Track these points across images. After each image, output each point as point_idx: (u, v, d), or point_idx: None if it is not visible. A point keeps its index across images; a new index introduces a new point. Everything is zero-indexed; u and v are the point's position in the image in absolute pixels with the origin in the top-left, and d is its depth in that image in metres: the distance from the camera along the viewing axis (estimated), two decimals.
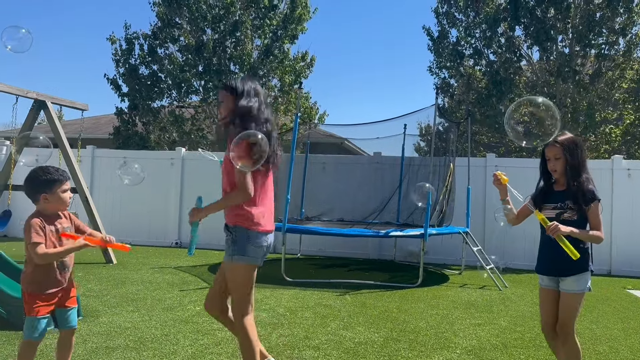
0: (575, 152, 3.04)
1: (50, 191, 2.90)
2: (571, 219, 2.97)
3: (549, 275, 3.13)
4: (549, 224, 2.86)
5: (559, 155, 3.05)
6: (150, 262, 8.67)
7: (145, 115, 14.46)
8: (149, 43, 14.48)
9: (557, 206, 3.04)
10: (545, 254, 3.13)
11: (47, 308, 2.87)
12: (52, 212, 2.94)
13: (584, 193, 2.97)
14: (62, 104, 9.18)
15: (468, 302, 6.27)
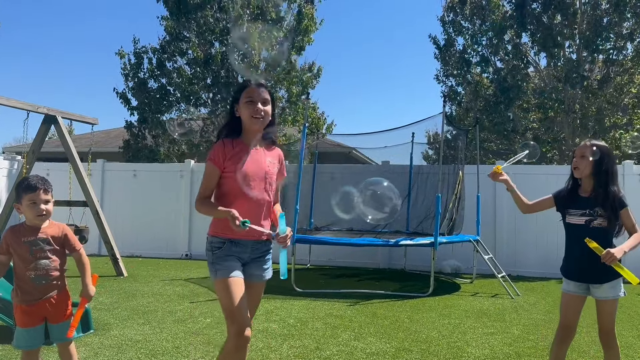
0: (603, 159, 3.08)
1: (19, 201, 2.87)
2: (601, 226, 3.03)
3: (579, 282, 3.13)
4: (604, 252, 2.88)
5: (585, 154, 3.09)
6: (160, 274, 8.69)
7: (155, 128, 14.57)
8: (158, 57, 14.62)
9: (586, 213, 3.07)
10: (575, 261, 3.13)
11: (29, 320, 2.85)
12: (31, 223, 2.90)
13: (614, 200, 3.03)
14: (73, 118, 9.28)
15: (480, 311, 6.21)
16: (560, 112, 12.73)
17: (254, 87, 2.76)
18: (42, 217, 2.87)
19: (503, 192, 9.85)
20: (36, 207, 2.84)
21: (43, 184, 2.88)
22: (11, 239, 2.86)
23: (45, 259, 2.87)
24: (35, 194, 2.85)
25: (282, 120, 15.24)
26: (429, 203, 9.06)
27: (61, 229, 2.97)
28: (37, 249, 2.85)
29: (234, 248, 2.74)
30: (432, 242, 7.32)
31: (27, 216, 2.88)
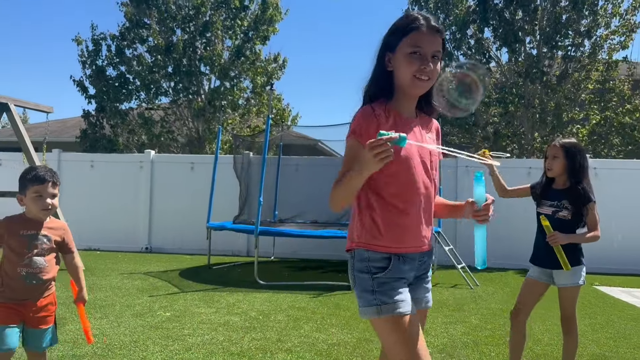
0: (575, 156, 3.21)
1: (23, 192, 2.66)
2: (565, 219, 3.18)
3: (543, 268, 3.28)
4: (551, 232, 3.12)
5: (557, 155, 3.23)
6: (119, 267, 8.48)
7: (113, 117, 14.17)
8: (117, 44, 14.21)
9: (554, 204, 3.23)
10: (541, 248, 3.27)
11: (6, 315, 2.57)
12: (33, 216, 2.67)
13: (581, 196, 3.16)
14: (26, 106, 8.91)
15: (440, 301, 6.31)
16: (520, 107, 13.02)
17: (426, 32, 1.85)
18: (47, 212, 2.66)
19: (464, 185, 10.03)
20: (42, 201, 2.62)
21: (52, 176, 2.67)
22: (7, 229, 2.62)
23: (41, 257, 2.64)
24: (43, 187, 2.63)
25: (247, 111, 15.08)
26: None
27: (63, 228, 2.77)
28: (36, 245, 2.62)
29: (403, 266, 1.90)
30: None
31: (31, 209, 2.66)
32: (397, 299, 1.83)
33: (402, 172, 1.88)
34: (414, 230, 1.92)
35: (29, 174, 2.65)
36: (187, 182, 10.95)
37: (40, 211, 2.64)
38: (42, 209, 2.64)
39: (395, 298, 1.83)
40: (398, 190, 1.88)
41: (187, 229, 10.66)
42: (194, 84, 14.14)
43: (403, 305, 1.83)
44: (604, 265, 9.36)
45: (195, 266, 8.89)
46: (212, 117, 14.08)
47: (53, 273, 2.71)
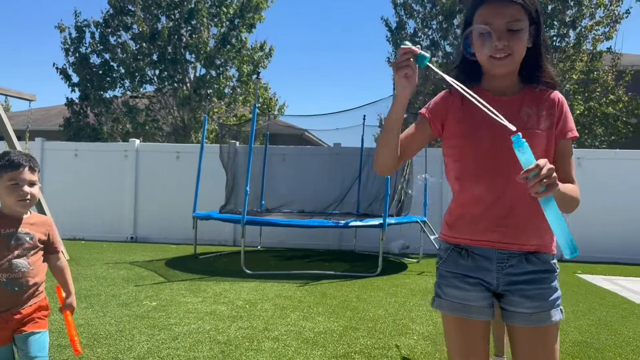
0: None
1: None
2: None
3: None
4: None
5: None
6: (104, 257, 8.42)
7: (97, 105, 14.00)
8: (101, 31, 14.00)
9: None
10: None
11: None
12: (10, 211, 2.29)
13: None
14: (8, 94, 8.75)
15: (425, 289, 6.37)
16: None
17: (493, 4, 1.63)
18: (24, 203, 2.28)
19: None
20: (18, 190, 2.24)
21: (28, 160, 2.29)
22: None
23: (23, 259, 2.27)
24: (18, 173, 2.25)
25: (233, 99, 14.98)
26: (379, 185, 9.17)
27: (47, 224, 2.41)
28: (16, 245, 2.25)
29: (464, 261, 1.71)
30: (381, 223, 7.42)
31: (5, 201, 2.28)
32: (447, 295, 1.72)
33: (466, 149, 1.70)
34: (486, 221, 1.67)
35: (1, 160, 2.27)
36: (172, 172, 10.88)
37: (16, 203, 2.26)
38: (18, 199, 2.26)
39: (445, 293, 1.72)
40: (460, 170, 1.73)
41: (172, 219, 10.61)
42: (179, 72, 14.01)
43: (447, 304, 1.72)
44: (587, 253, 9.52)
45: (181, 256, 8.86)
46: (198, 105, 13.97)
47: (40, 276, 2.36)
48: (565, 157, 1.71)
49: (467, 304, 1.69)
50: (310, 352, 3.83)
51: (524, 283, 1.66)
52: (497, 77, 1.72)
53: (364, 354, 3.80)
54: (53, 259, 2.45)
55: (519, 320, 1.66)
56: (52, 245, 2.42)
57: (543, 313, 1.65)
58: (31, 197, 2.28)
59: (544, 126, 1.69)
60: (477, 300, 1.69)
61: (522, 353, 1.67)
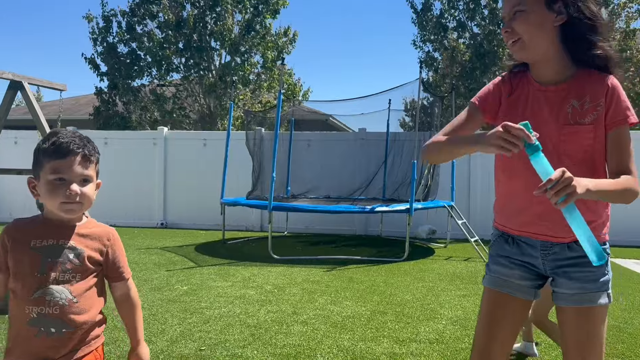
0: None
1: (37, 172, 1.56)
2: None
3: None
4: None
5: None
6: (136, 243, 8.62)
7: (126, 94, 14.22)
8: (127, 20, 14.16)
9: None
10: None
11: None
12: (54, 217, 1.58)
13: None
14: (40, 84, 8.92)
15: (453, 274, 6.35)
16: None
17: None
18: (70, 207, 1.54)
19: (477, 160, 9.98)
20: (63, 188, 1.52)
21: (83, 145, 1.57)
22: (13, 240, 1.55)
23: (64, 286, 1.53)
24: (65, 163, 1.53)
25: (258, 86, 15.03)
26: (405, 170, 9.12)
27: (106, 237, 1.66)
28: (53, 265, 1.52)
29: (509, 247, 1.80)
30: (407, 208, 7.40)
31: (47, 202, 1.56)
32: (491, 272, 1.83)
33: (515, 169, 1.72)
34: (529, 215, 1.71)
35: (46, 141, 1.57)
36: (200, 159, 11.02)
37: (59, 206, 1.54)
38: (63, 201, 1.53)
39: (491, 270, 1.84)
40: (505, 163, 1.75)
41: (201, 205, 10.77)
42: (205, 60, 14.10)
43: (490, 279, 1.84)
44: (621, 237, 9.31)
45: (210, 241, 9.01)
46: (224, 93, 14.07)
47: (92, 314, 1.58)
48: (619, 146, 1.63)
49: (508, 280, 1.78)
50: (338, 335, 3.88)
51: (568, 266, 1.70)
52: (536, 66, 1.69)
53: (392, 338, 3.83)
54: (117, 289, 1.69)
55: (563, 301, 1.71)
56: (114, 268, 1.66)
57: (586, 294, 1.67)
58: (81, 199, 1.55)
59: (589, 119, 1.62)
60: (519, 279, 1.77)
61: (567, 334, 1.70)
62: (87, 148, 1.59)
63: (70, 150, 1.55)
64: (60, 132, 1.59)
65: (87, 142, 1.60)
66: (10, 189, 10.80)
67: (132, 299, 1.74)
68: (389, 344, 3.71)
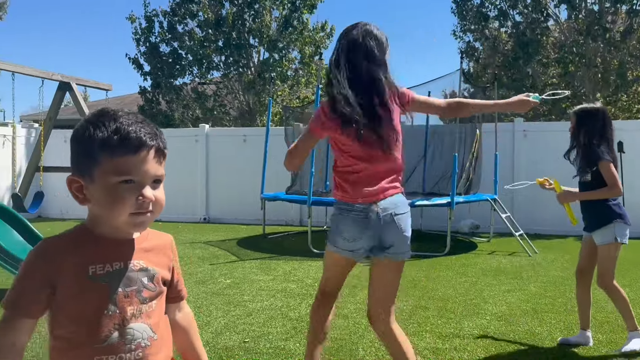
0: (584, 120, 3.42)
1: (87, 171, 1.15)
2: (587, 181, 3.37)
3: (584, 231, 3.52)
4: (558, 192, 3.43)
5: (572, 122, 3.52)
6: (180, 237, 8.83)
7: (168, 93, 14.55)
8: (168, 20, 14.46)
9: (579, 170, 3.44)
10: (582, 214, 3.49)
11: None
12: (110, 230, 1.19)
13: (588, 155, 3.34)
14: (87, 84, 9.31)
15: (497, 269, 6.23)
16: (580, 67, 12.38)
17: None
18: (143, 220, 1.18)
19: (521, 151, 9.73)
20: (132, 193, 1.15)
21: (154, 135, 1.19)
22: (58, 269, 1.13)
23: (142, 321, 1.19)
24: (136, 159, 1.15)
25: (295, 82, 15.09)
26: (446, 163, 8.98)
27: (169, 247, 1.34)
28: (127, 294, 1.18)
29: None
30: (448, 202, 7.29)
31: (105, 212, 1.17)
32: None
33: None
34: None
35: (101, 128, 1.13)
36: (240, 155, 11.17)
37: (127, 218, 1.15)
38: (133, 211, 1.15)
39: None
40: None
41: (242, 200, 10.93)
42: (244, 57, 14.26)
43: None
44: None
45: (251, 236, 9.14)
46: (262, 89, 14.20)
47: (169, 348, 1.28)
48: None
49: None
50: None
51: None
52: None
53: (434, 333, 3.80)
54: (175, 311, 1.36)
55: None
56: (175, 286, 1.33)
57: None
58: (153, 207, 1.19)
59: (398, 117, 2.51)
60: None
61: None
62: (160, 138, 1.20)
63: (143, 143, 1.14)
64: (120, 115, 1.16)
65: (157, 130, 1.21)
66: (61, 187, 11.23)
67: (192, 320, 1.41)
68: (432, 339, 3.68)
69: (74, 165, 1.18)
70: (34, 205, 8.51)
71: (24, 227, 5.29)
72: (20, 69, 7.86)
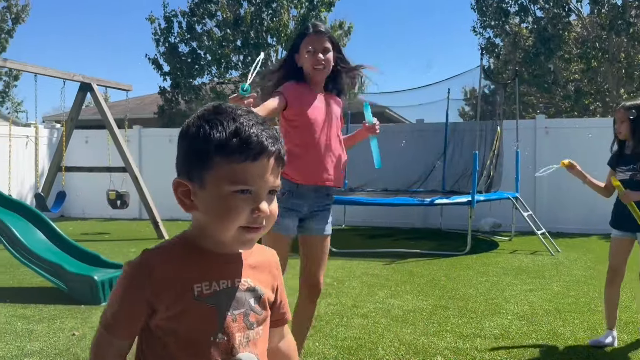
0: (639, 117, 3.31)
1: (194, 174, 1.02)
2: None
3: (623, 231, 3.40)
4: (622, 191, 3.23)
5: (623, 119, 3.35)
6: None
7: (188, 93, 14.66)
8: (187, 20, 14.57)
9: (630, 168, 3.34)
10: (621, 212, 3.36)
11: None
12: (214, 244, 1.04)
13: None
14: (107, 85, 9.42)
15: (519, 268, 6.13)
16: (604, 62, 12.14)
17: (313, 35, 2.59)
18: (252, 236, 1.03)
19: (543, 148, 9.57)
20: (247, 205, 0.99)
21: (275, 139, 1.02)
22: (160, 286, 1.00)
23: (250, 350, 1.04)
24: (257, 167, 0.99)
25: None
26: (466, 161, 8.88)
27: (274, 261, 1.19)
28: (236, 319, 1.03)
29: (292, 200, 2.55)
30: (469, 200, 7.21)
31: (215, 223, 1.02)
32: None
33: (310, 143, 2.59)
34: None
35: (219, 128, 1.00)
36: None
37: (237, 232, 1.01)
38: (245, 225, 1.00)
39: None
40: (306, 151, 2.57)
41: None
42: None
43: None
44: None
45: None
46: None
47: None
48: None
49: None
50: (400, 329, 3.84)
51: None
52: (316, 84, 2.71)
53: (455, 333, 3.75)
54: (277, 336, 1.22)
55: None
56: (279, 309, 1.19)
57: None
58: (267, 222, 1.03)
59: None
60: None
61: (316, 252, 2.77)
62: (280, 143, 1.03)
63: (264, 148, 0.98)
64: (240, 115, 1.00)
65: (277, 133, 1.03)
66: (83, 187, 11.39)
67: (295, 349, 1.25)
68: (452, 338, 3.64)
69: (183, 166, 1.04)
70: (56, 205, 8.65)
71: (47, 226, 5.38)
72: (43, 70, 7.99)
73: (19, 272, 5.64)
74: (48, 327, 3.92)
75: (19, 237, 4.86)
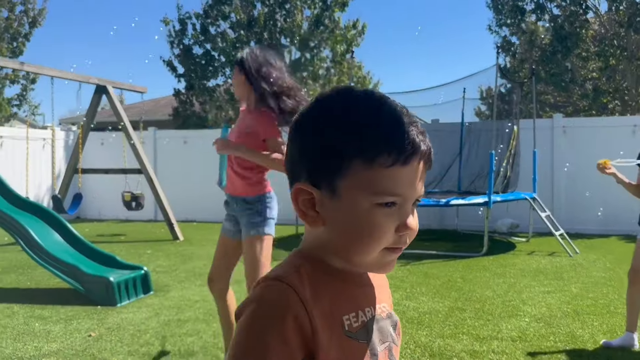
0: None
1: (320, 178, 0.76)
2: None
3: None
4: None
5: None
6: (215, 238, 8.86)
7: (202, 94, 14.73)
8: (201, 22, 14.65)
9: None
10: None
11: None
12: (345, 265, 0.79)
13: None
14: (123, 87, 9.49)
15: (536, 270, 6.05)
16: (622, 60, 11.94)
17: None
18: (394, 258, 0.82)
19: (561, 148, 9.43)
20: (393, 221, 0.76)
21: (424, 137, 0.78)
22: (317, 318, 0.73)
23: None
24: (408, 172, 0.76)
25: (327, 81, 15.06)
26: (482, 161, 8.78)
27: (386, 277, 0.96)
28: (384, 354, 0.81)
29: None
30: (485, 201, 7.12)
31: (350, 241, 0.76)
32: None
33: None
34: None
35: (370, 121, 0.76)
36: None
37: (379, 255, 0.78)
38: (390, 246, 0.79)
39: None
40: None
41: None
42: None
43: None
44: None
45: (284, 235, 9.15)
46: None
47: None
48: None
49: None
50: (415, 331, 3.80)
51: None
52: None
53: (472, 335, 3.70)
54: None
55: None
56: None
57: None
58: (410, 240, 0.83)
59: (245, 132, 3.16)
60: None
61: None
62: (428, 139, 0.81)
63: (416, 148, 0.77)
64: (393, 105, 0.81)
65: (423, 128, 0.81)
66: (99, 189, 11.50)
67: None
68: (469, 341, 3.59)
69: (307, 167, 0.77)
70: (73, 207, 8.74)
71: (64, 228, 5.43)
72: (59, 73, 8.07)
73: (36, 273, 5.70)
74: (65, 327, 3.95)
75: (36, 239, 4.92)
